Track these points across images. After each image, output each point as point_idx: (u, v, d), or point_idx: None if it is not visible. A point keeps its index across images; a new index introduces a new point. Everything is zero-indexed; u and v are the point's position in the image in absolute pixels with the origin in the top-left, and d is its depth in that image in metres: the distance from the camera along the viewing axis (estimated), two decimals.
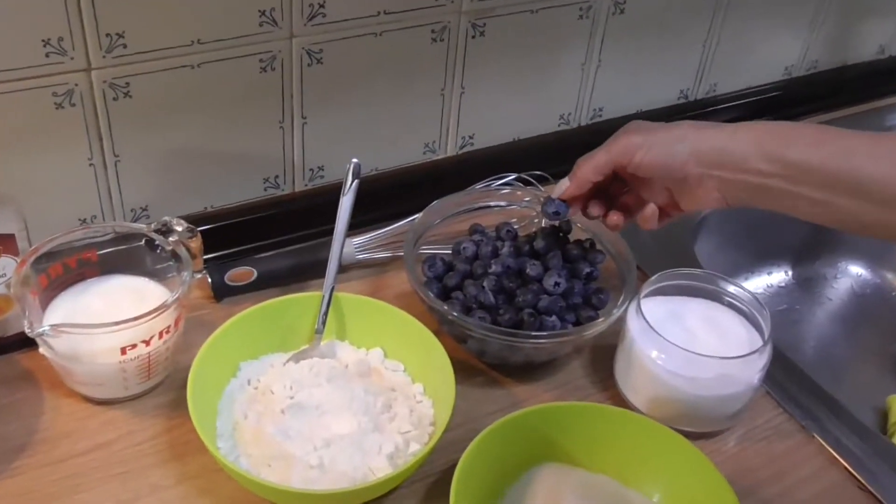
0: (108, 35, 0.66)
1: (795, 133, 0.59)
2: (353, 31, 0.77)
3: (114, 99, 0.69)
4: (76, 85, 0.67)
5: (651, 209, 0.66)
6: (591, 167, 0.64)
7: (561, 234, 0.74)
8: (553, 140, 0.96)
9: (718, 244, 0.95)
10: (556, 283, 0.69)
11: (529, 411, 0.61)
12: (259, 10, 0.71)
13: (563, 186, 0.66)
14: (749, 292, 0.69)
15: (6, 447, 0.62)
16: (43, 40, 0.64)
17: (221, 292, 0.76)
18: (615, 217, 0.67)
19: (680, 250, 0.86)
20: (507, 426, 0.59)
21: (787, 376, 0.73)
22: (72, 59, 0.66)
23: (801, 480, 0.65)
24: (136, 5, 0.66)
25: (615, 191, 0.68)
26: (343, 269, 0.77)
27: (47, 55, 0.65)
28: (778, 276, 1.03)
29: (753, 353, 0.64)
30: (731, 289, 0.70)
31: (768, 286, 1.02)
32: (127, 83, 0.69)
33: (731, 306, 0.70)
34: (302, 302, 0.69)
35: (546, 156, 0.89)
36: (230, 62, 0.73)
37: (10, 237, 0.65)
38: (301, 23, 0.74)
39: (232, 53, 0.72)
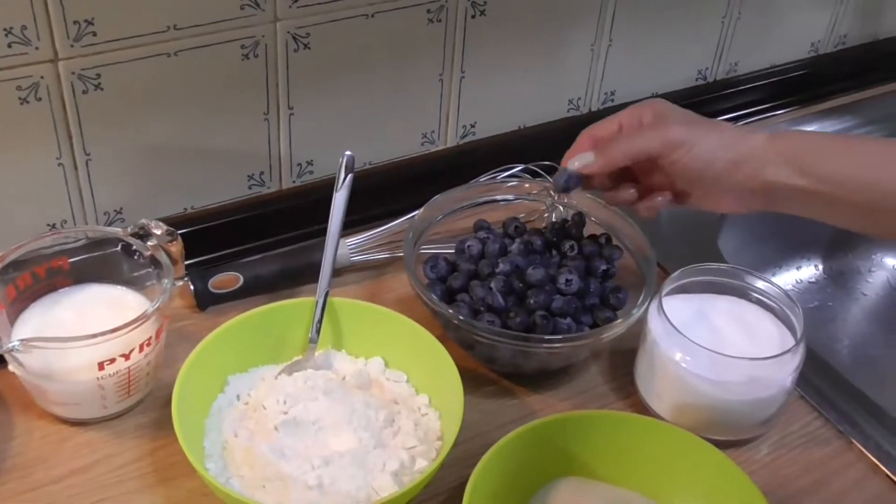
0: (75, 22, 0.66)
1: (828, 145, 0.64)
2: (343, 13, 0.77)
3: (83, 92, 0.70)
4: (42, 77, 0.67)
5: (661, 200, 0.69)
6: (624, 153, 0.66)
7: (573, 229, 0.75)
8: (562, 127, 0.96)
9: (743, 237, 0.96)
10: (568, 281, 0.69)
11: (545, 422, 0.61)
12: None
13: (586, 161, 0.67)
14: (779, 287, 0.70)
15: None
16: (4, 29, 0.64)
17: (205, 300, 0.76)
18: (659, 200, 0.69)
19: (702, 244, 0.87)
20: (522, 438, 0.60)
21: (821, 378, 0.73)
22: (36, 49, 0.66)
23: (841, 490, 0.65)
24: None
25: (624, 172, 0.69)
26: (337, 272, 0.77)
27: (9, 45, 0.65)
28: (808, 271, 1.03)
29: (786, 352, 0.65)
30: (760, 284, 0.70)
31: (797, 282, 1.02)
32: (97, 74, 0.69)
33: (759, 303, 0.70)
34: (293, 309, 0.70)
35: (555, 144, 0.87)
36: (209, 49, 0.73)
37: None
38: (286, 4, 0.74)
39: (211, 40, 0.73)
